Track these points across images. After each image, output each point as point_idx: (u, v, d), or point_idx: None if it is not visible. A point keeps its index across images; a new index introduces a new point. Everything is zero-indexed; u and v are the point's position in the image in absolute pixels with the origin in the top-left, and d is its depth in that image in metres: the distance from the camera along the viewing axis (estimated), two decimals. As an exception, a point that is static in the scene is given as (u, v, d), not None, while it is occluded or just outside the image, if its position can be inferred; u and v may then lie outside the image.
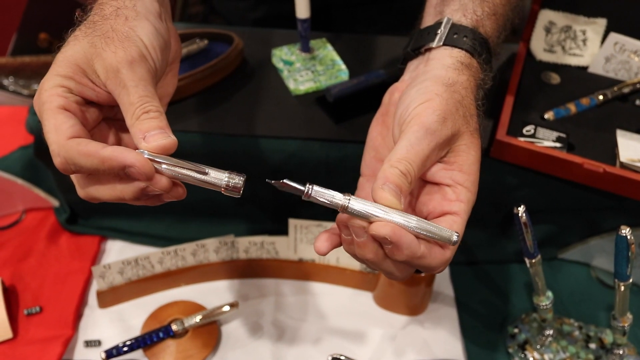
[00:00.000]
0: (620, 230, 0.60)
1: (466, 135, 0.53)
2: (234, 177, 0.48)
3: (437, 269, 0.50)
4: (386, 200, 0.47)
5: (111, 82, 0.49)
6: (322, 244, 0.51)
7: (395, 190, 0.48)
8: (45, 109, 0.47)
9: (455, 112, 0.52)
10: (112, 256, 0.84)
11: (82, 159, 0.45)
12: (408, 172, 0.49)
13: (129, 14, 0.51)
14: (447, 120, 0.51)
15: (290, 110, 0.79)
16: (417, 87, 0.54)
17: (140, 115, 0.48)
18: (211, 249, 0.79)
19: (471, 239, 0.84)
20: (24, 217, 0.87)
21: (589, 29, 0.84)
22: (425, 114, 0.51)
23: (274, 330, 0.77)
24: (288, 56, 0.84)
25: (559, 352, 0.74)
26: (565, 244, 0.84)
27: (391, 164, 0.49)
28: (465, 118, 0.53)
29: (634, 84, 0.80)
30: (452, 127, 0.51)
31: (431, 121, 0.50)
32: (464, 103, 0.53)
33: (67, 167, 0.46)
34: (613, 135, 0.75)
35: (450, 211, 0.51)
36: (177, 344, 0.73)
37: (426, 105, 0.51)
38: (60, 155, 0.46)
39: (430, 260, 0.49)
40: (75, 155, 0.45)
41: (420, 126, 0.50)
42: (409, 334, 0.78)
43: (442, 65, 0.55)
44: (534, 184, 0.77)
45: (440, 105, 0.51)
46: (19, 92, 1.01)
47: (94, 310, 0.78)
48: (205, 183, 0.48)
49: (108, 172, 0.46)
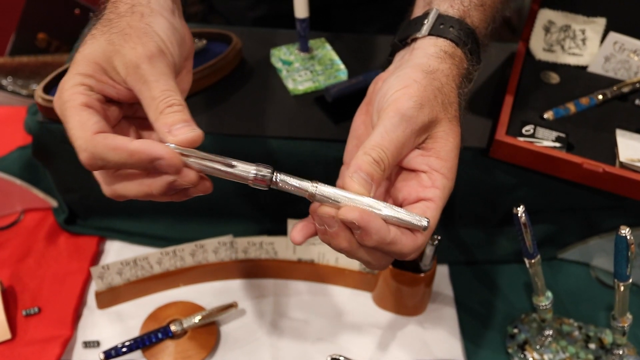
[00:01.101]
0: (620, 231, 0.60)
1: (444, 122, 0.53)
2: (261, 170, 0.48)
3: (408, 255, 0.50)
4: (355, 190, 0.47)
5: (132, 78, 0.49)
6: (297, 233, 0.51)
7: (366, 179, 0.48)
8: (67, 106, 0.47)
9: (434, 99, 0.52)
10: (111, 256, 0.84)
11: (109, 153, 0.45)
12: (381, 160, 0.49)
13: (144, 10, 0.52)
14: (424, 106, 0.51)
15: (289, 110, 0.79)
16: (397, 74, 0.54)
17: (164, 109, 0.48)
18: (210, 249, 0.79)
19: (470, 239, 0.84)
20: (22, 217, 0.87)
21: (589, 28, 0.84)
22: (402, 100, 0.51)
23: (273, 330, 0.77)
24: (287, 56, 0.83)
25: (559, 353, 0.74)
26: (565, 244, 0.84)
27: (365, 151, 0.49)
28: (444, 105, 0.53)
29: (633, 84, 0.80)
30: (429, 114, 0.51)
31: (407, 107, 0.50)
32: (443, 90, 0.53)
33: (94, 162, 0.46)
34: (612, 135, 0.75)
35: (425, 197, 0.51)
36: (176, 344, 0.73)
37: (403, 92, 0.51)
38: (88, 150, 0.45)
39: (402, 247, 0.48)
40: (103, 149, 0.45)
41: (396, 112, 0.50)
42: (408, 334, 0.78)
43: (425, 54, 0.55)
44: (533, 183, 0.77)
45: (417, 91, 0.51)
46: (17, 92, 1.01)
47: (93, 311, 0.78)
48: (232, 175, 0.48)
49: (136, 165, 0.46)
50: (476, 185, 0.79)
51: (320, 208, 0.48)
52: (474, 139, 0.76)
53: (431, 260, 0.74)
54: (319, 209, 0.48)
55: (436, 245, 0.72)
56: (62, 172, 0.82)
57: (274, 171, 0.48)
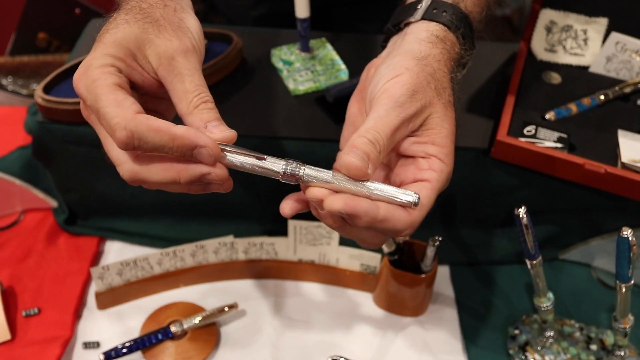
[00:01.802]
0: (622, 232, 0.60)
1: (439, 107, 0.52)
2: (291, 163, 0.48)
3: (403, 232, 0.50)
4: (352, 164, 0.47)
5: (164, 69, 0.49)
6: (287, 206, 0.51)
7: (362, 156, 0.48)
8: (99, 84, 0.47)
9: (427, 85, 0.52)
10: (111, 257, 0.84)
11: (151, 134, 0.45)
12: (376, 141, 0.48)
13: (176, 6, 0.52)
14: (417, 93, 0.51)
15: (290, 110, 0.79)
16: (388, 63, 0.54)
17: (199, 105, 0.49)
18: (210, 249, 0.78)
19: (471, 240, 0.84)
20: (22, 217, 0.86)
21: (590, 28, 0.84)
22: (394, 88, 0.51)
23: (273, 331, 0.77)
24: (287, 56, 0.83)
25: (560, 354, 0.73)
26: (566, 244, 0.84)
27: (359, 134, 0.49)
28: (437, 91, 0.53)
29: (635, 84, 0.80)
30: (423, 100, 0.51)
31: (399, 94, 0.50)
32: (435, 76, 0.53)
33: (131, 141, 0.45)
34: (614, 136, 0.74)
35: (421, 178, 0.51)
36: (176, 345, 0.73)
37: (395, 81, 0.51)
38: (127, 128, 0.45)
39: (395, 223, 0.48)
40: (145, 129, 0.45)
41: (388, 99, 0.50)
42: (409, 335, 0.77)
43: (416, 39, 0.55)
44: (534, 184, 0.77)
45: (409, 79, 0.51)
46: (17, 91, 1.01)
47: (93, 312, 0.78)
48: (263, 169, 0.49)
49: (175, 150, 0.46)
50: (477, 185, 0.78)
51: (308, 190, 0.48)
52: (475, 140, 0.76)
53: (432, 261, 0.73)
54: (308, 191, 0.48)
55: (437, 246, 0.71)
56: (62, 172, 0.82)
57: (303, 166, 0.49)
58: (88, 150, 0.77)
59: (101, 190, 0.83)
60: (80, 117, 0.73)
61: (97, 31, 0.52)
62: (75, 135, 0.76)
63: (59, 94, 0.76)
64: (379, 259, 0.78)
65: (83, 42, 0.88)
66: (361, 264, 0.79)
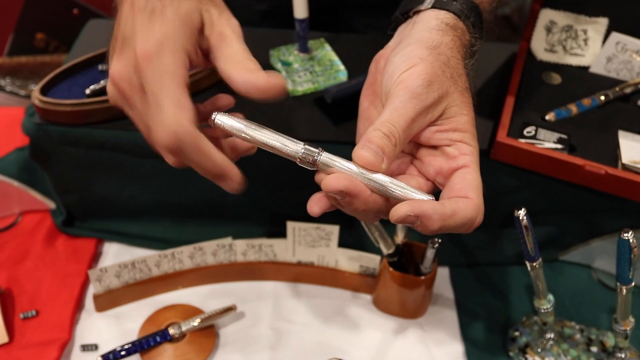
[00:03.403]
0: (623, 234, 0.60)
1: (456, 96, 0.52)
2: (309, 148, 0.48)
3: (475, 220, 0.49)
4: (365, 159, 0.47)
5: (216, 36, 0.50)
6: (314, 204, 0.50)
7: (377, 150, 0.47)
8: (170, 76, 0.46)
9: (442, 75, 0.51)
10: (109, 259, 0.84)
11: (194, 152, 0.46)
12: (391, 134, 0.48)
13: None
14: (433, 83, 0.50)
15: (289, 111, 0.79)
16: (401, 53, 0.53)
17: (248, 59, 0.50)
18: (209, 251, 0.78)
19: (471, 241, 0.84)
20: (20, 219, 0.86)
21: (591, 28, 0.83)
22: (410, 79, 0.50)
23: (272, 333, 0.76)
24: (286, 57, 0.83)
25: (560, 356, 0.73)
26: (567, 245, 0.84)
27: (374, 127, 0.48)
28: (453, 78, 0.52)
29: (636, 84, 0.79)
30: (439, 89, 0.51)
31: (416, 85, 0.50)
32: (450, 64, 0.52)
33: (173, 148, 0.46)
34: (615, 137, 0.74)
35: (458, 166, 0.51)
36: (174, 348, 0.72)
37: (410, 72, 0.51)
38: (177, 135, 0.45)
39: (464, 213, 0.48)
40: (191, 144, 0.46)
41: (405, 91, 0.50)
42: (408, 337, 0.77)
43: (426, 28, 0.54)
44: (535, 185, 0.76)
45: (424, 69, 0.50)
46: (15, 92, 1.00)
47: (91, 314, 0.78)
48: (281, 151, 0.49)
49: (206, 173, 0.48)
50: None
51: (393, 210, 0.47)
52: (474, 141, 0.76)
53: (432, 263, 0.73)
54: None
55: (437, 248, 0.71)
56: (59, 174, 0.81)
57: (320, 152, 0.49)
58: (86, 151, 0.77)
59: (99, 192, 0.82)
60: (78, 118, 0.74)
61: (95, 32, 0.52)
62: (72, 137, 0.76)
63: (57, 95, 0.75)
64: (378, 261, 0.77)
65: (81, 42, 0.87)
66: (360, 266, 0.79)
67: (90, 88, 0.76)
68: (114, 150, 0.76)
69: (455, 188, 0.50)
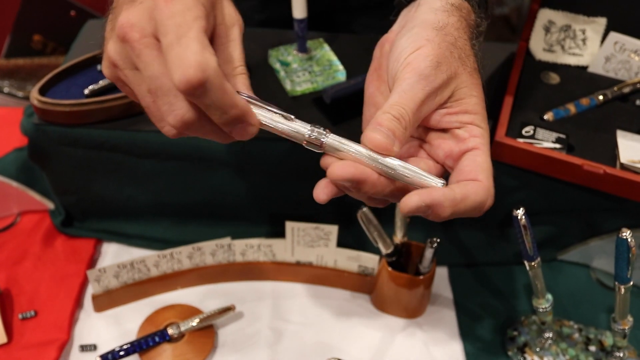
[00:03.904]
0: (621, 233, 0.60)
1: (464, 76, 0.51)
2: (317, 130, 0.48)
3: (486, 203, 0.49)
4: (377, 141, 0.46)
5: (223, 30, 0.48)
6: (320, 191, 0.49)
7: (388, 133, 0.46)
8: (194, 17, 0.43)
9: (450, 55, 0.50)
10: (108, 259, 0.84)
11: (218, 92, 0.43)
12: (401, 116, 0.47)
13: None
14: (442, 64, 0.49)
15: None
16: (407, 36, 0.52)
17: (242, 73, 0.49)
18: (207, 251, 0.78)
19: (470, 241, 0.84)
20: (18, 220, 0.86)
21: (589, 28, 0.83)
22: (417, 61, 0.49)
23: (271, 333, 0.76)
24: (285, 57, 0.83)
25: (559, 355, 0.73)
26: (565, 245, 0.84)
27: (383, 110, 0.48)
28: (462, 59, 0.51)
29: (634, 84, 0.79)
30: (448, 71, 0.50)
31: (424, 67, 0.49)
32: (457, 45, 0.51)
33: (198, 86, 0.42)
34: (613, 136, 0.74)
35: (467, 148, 0.50)
36: (173, 348, 0.72)
37: (417, 53, 0.50)
38: (205, 72, 0.41)
39: (475, 197, 0.47)
40: (216, 80, 0.42)
41: (412, 73, 0.49)
42: (407, 336, 0.77)
43: (431, 9, 0.53)
44: (533, 185, 0.76)
45: (432, 50, 0.50)
46: (13, 94, 1.00)
47: (90, 314, 0.78)
48: (286, 133, 0.48)
49: (226, 117, 0.45)
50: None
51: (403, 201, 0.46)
52: (473, 140, 0.76)
53: (430, 263, 0.73)
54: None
55: (435, 248, 0.71)
56: (58, 174, 0.81)
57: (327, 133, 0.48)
58: (84, 152, 0.77)
59: (98, 192, 0.82)
60: (77, 119, 0.74)
61: (94, 33, 0.50)
62: (71, 137, 0.76)
63: (55, 95, 0.75)
64: (377, 261, 0.77)
65: (79, 42, 0.87)
66: (359, 266, 0.79)
67: (89, 88, 0.76)
68: (113, 151, 0.76)
69: (464, 171, 0.49)
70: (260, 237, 0.79)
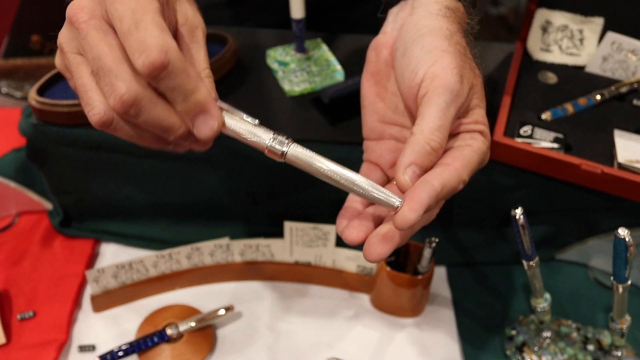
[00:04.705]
0: (619, 233, 0.60)
1: (478, 87, 0.51)
2: (277, 138, 0.47)
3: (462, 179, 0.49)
4: (409, 221, 0.45)
5: (187, 31, 0.47)
6: (351, 232, 0.49)
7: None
8: (144, 2, 0.41)
9: (464, 66, 0.50)
10: (107, 259, 0.84)
11: (181, 74, 0.42)
12: (440, 146, 0.48)
13: None
14: (464, 77, 0.49)
15: (285, 111, 0.79)
16: (419, 45, 0.51)
17: (208, 77, 0.48)
18: (206, 252, 0.78)
19: (468, 241, 0.84)
20: (17, 220, 0.86)
21: (586, 28, 0.83)
22: (444, 74, 0.48)
23: (270, 333, 0.76)
24: (283, 57, 0.83)
25: (557, 354, 0.73)
26: (563, 244, 0.84)
27: (426, 139, 0.47)
28: (472, 69, 0.51)
29: (631, 84, 0.80)
30: (468, 83, 0.50)
31: (454, 82, 0.48)
32: (467, 55, 0.51)
33: (160, 68, 0.40)
34: (611, 136, 0.74)
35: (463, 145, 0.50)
36: (172, 348, 0.72)
37: (441, 66, 0.49)
38: (167, 55, 0.40)
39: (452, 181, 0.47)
40: (178, 65, 0.41)
41: (444, 89, 0.48)
42: (406, 336, 0.77)
43: (430, 14, 0.52)
44: (531, 185, 0.77)
45: (452, 62, 0.49)
46: (11, 94, 1.00)
47: (88, 315, 0.78)
48: (247, 140, 0.48)
49: (186, 104, 0.43)
50: (474, 186, 0.77)
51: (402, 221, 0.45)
52: (471, 140, 0.76)
53: (429, 262, 0.73)
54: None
55: (434, 247, 0.71)
56: (56, 175, 0.81)
57: (289, 143, 0.47)
58: (83, 152, 0.77)
59: (96, 193, 0.82)
60: (75, 119, 0.74)
61: None
62: (69, 138, 0.76)
63: (53, 96, 0.75)
64: (375, 260, 0.77)
65: (77, 43, 0.87)
66: (357, 265, 0.79)
67: (87, 89, 0.75)
68: (111, 151, 0.76)
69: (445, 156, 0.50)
70: (259, 237, 0.79)
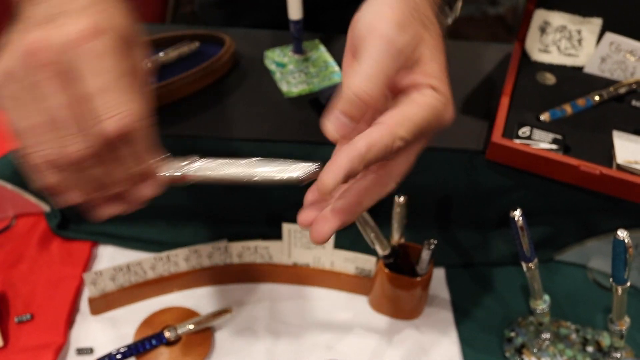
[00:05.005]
0: (618, 234, 0.60)
1: (428, 40, 0.50)
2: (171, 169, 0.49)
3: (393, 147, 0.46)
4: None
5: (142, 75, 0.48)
6: (301, 216, 0.49)
7: (347, 122, 0.45)
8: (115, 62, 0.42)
9: (412, 19, 0.49)
10: (104, 262, 0.83)
11: (144, 138, 0.43)
12: (369, 95, 0.45)
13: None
14: (405, 26, 0.48)
15: (283, 112, 0.79)
16: (368, 9, 0.51)
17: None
18: (204, 254, 0.78)
19: (467, 242, 0.84)
20: (14, 222, 0.86)
21: (585, 28, 0.83)
22: (381, 25, 0.48)
23: (268, 335, 0.76)
24: (281, 58, 0.83)
25: (556, 356, 0.73)
26: (562, 245, 0.84)
27: (353, 87, 0.46)
28: (424, 23, 0.50)
29: (630, 84, 0.79)
30: (411, 32, 0.48)
31: (390, 31, 0.47)
32: (419, 9, 0.50)
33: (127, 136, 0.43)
34: (609, 137, 0.74)
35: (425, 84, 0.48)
36: (170, 351, 0.72)
37: (379, 17, 0.48)
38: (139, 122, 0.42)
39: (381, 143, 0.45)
40: (146, 134, 0.42)
41: (380, 39, 0.47)
42: (405, 338, 0.77)
43: None
44: (530, 186, 0.76)
45: (393, 14, 0.48)
46: (8, 95, 1.00)
47: (86, 317, 0.77)
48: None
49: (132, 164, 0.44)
50: (472, 187, 0.78)
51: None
52: (470, 141, 0.76)
53: (427, 264, 0.73)
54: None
55: (432, 249, 0.71)
56: (54, 177, 0.81)
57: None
58: (80, 154, 0.77)
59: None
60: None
61: None
62: (66, 140, 0.75)
63: (50, 98, 0.75)
64: (374, 262, 0.77)
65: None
66: (356, 267, 0.79)
67: (84, 90, 0.75)
68: (109, 153, 0.76)
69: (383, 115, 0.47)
70: (257, 239, 0.79)
